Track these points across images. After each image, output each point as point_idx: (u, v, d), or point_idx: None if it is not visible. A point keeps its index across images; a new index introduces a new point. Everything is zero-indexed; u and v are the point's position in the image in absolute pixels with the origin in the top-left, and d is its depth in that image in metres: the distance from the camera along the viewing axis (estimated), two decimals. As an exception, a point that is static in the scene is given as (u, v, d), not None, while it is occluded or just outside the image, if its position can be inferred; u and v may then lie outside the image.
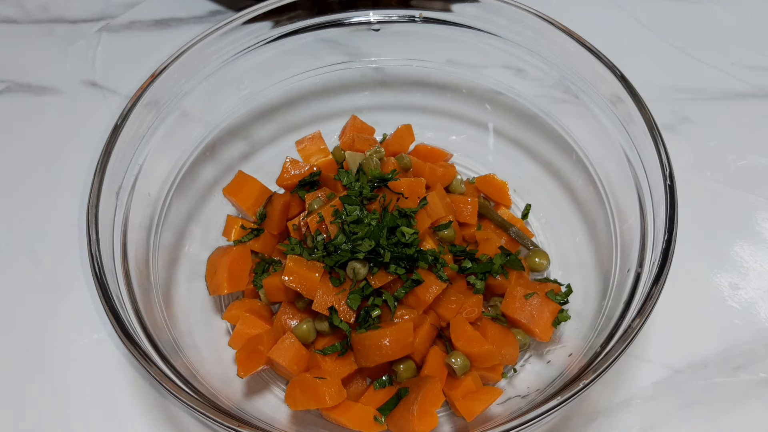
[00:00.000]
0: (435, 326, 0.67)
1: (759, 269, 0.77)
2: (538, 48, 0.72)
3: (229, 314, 0.70)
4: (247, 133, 0.81)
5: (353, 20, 0.76)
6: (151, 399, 0.70)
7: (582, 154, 0.73)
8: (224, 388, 0.62)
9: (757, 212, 0.81)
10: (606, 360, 0.53)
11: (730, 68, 0.93)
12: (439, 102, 0.83)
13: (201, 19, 1.00)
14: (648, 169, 0.63)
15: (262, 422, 0.58)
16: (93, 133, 0.86)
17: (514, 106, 0.78)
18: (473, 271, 0.68)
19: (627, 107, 0.65)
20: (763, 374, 0.70)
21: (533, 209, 0.78)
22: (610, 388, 0.69)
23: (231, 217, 0.76)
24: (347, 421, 0.62)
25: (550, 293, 0.68)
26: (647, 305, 0.55)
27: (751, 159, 0.85)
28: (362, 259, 0.63)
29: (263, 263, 0.73)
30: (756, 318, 0.74)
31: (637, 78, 0.67)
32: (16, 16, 1.01)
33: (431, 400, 0.61)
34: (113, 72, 0.95)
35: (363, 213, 0.66)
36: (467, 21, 0.74)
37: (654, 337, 0.72)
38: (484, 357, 0.64)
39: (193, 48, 0.69)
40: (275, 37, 0.74)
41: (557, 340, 0.68)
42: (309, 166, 0.75)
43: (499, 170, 0.80)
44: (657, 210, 0.61)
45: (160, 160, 0.71)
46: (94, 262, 0.58)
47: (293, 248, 0.68)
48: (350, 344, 0.65)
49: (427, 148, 0.81)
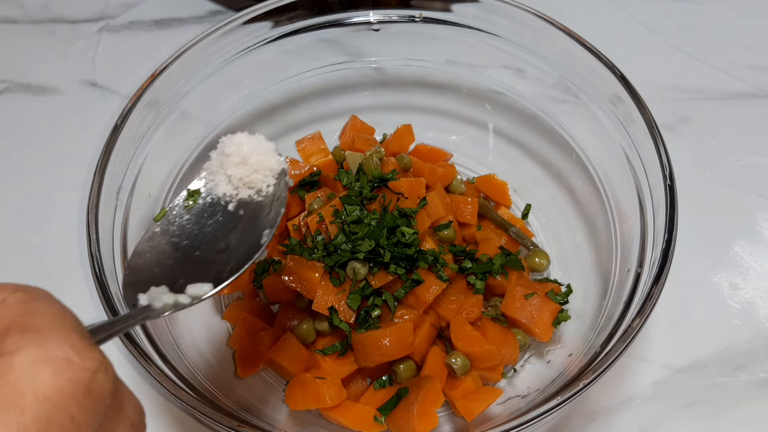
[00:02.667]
0: (435, 326, 0.67)
1: (759, 269, 0.77)
2: (538, 48, 0.72)
3: (229, 314, 0.70)
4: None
5: (353, 20, 0.76)
6: (151, 399, 0.70)
7: (582, 154, 0.73)
8: (224, 388, 0.62)
9: (757, 212, 0.81)
10: (606, 360, 0.53)
11: (730, 68, 0.93)
12: (439, 102, 0.83)
13: (201, 19, 1.00)
14: (648, 169, 0.63)
15: (262, 422, 0.58)
16: (93, 133, 0.86)
17: (514, 106, 0.78)
18: (473, 271, 0.68)
19: (627, 107, 0.65)
20: (763, 374, 0.70)
21: (533, 209, 0.78)
22: (610, 388, 0.69)
23: (231, 217, 0.76)
24: (347, 421, 0.62)
25: (550, 293, 0.68)
26: (647, 305, 0.55)
27: (751, 159, 0.85)
28: (362, 259, 0.63)
29: (263, 263, 0.73)
30: (756, 318, 0.74)
31: (637, 78, 0.67)
32: (16, 16, 1.01)
33: (431, 400, 0.61)
34: (113, 72, 0.94)
35: (363, 213, 0.66)
36: (467, 21, 0.74)
37: (654, 337, 0.72)
38: (484, 357, 0.64)
39: (193, 48, 0.69)
40: (275, 37, 0.74)
41: (557, 340, 0.68)
42: (309, 166, 0.75)
43: (499, 170, 0.80)
44: (657, 210, 0.61)
45: (160, 160, 0.71)
46: (94, 262, 0.58)
47: (293, 248, 0.68)
48: (350, 344, 0.65)
49: (427, 148, 0.81)
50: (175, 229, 0.40)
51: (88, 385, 0.27)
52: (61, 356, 0.27)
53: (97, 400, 0.28)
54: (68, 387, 0.27)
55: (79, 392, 0.27)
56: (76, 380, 0.27)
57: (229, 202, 0.40)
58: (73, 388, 0.27)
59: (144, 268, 0.38)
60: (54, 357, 0.27)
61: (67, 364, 0.27)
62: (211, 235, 0.39)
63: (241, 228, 0.39)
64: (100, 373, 0.28)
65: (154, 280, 0.37)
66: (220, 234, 0.39)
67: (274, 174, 0.41)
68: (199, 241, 0.38)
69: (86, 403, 0.27)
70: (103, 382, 0.28)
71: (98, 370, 0.28)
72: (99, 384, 0.28)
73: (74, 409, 0.27)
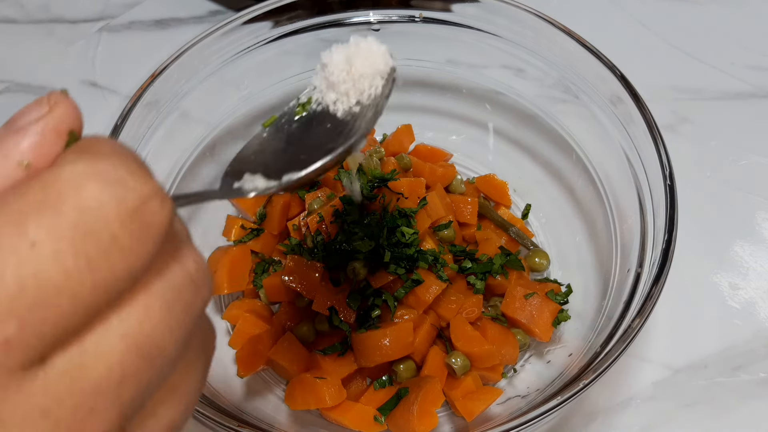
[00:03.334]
0: (435, 326, 0.67)
1: (759, 269, 0.77)
2: (538, 48, 0.72)
3: (229, 314, 0.70)
4: (247, 133, 0.81)
5: (353, 20, 0.76)
6: (151, 399, 0.70)
7: (582, 154, 0.73)
8: (224, 388, 0.62)
9: (757, 212, 0.81)
10: (606, 360, 0.53)
11: (730, 68, 0.93)
12: (439, 102, 0.83)
13: (201, 19, 1.00)
14: (648, 169, 0.63)
15: (262, 422, 0.58)
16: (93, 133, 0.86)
17: (514, 106, 0.78)
18: (473, 271, 0.68)
19: (627, 107, 0.65)
20: (763, 374, 0.70)
21: (533, 209, 0.78)
22: (610, 388, 0.69)
23: (231, 217, 0.76)
24: (347, 421, 0.62)
25: (550, 293, 0.68)
26: (647, 305, 0.55)
27: (751, 159, 0.85)
28: (362, 259, 0.63)
29: (263, 263, 0.73)
30: (756, 318, 0.74)
31: (637, 78, 0.67)
32: (16, 16, 1.01)
33: (431, 400, 0.61)
34: (113, 72, 0.94)
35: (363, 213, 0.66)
36: (467, 21, 0.74)
37: (654, 337, 0.72)
38: (484, 357, 0.64)
39: (193, 48, 0.69)
40: (275, 37, 0.74)
41: (557, 340, 0.68)
42: (309, 166, 0.75)
43: (499, 170, 0.80)
44: (657, 210, 0.61)
45: (160, 160, 0.70)
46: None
47: (293, 248, 0.68)
48: (350, 344, 0.65)
49: (427, 148, 0.81)
50: (282, 134, 0.40)
51: (139, 208, 0.24)
52: (112, 175, 0.24)
53: (145, 229, 0.25)
54: (114, 204, 0.24)
55: (125, 212, 0.24)
56: (124, 200, 0.24)
57: (336, 109, 0.40)
58: (119, 207, 0.24)
59: (244, 163, 0.37)
60: (104, 174, 0.24)
61: (118, 182, 0.24)
62: (315, 140, 0.38)
63: (344, 132, 0.39)
64: (155, 201, 0.25)
65: (252, 171, 0.36)
66: (324, 139, 0.38)
67: (382, 75, 0.40)
68: (302, 146, 0.38)
69: (133, 227, 0.24)
70: (157, 212, 0.25)
71: (152, 197, 0.25)
72: (151, 212, 0.25)
73: (118, 227, 0.24)
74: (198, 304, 0.28)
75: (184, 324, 0.27)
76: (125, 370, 0.25)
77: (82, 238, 0.23)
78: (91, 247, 0.23)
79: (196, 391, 0.30)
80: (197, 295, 0.28)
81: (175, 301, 0.26)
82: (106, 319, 0.24)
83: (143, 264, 0.25)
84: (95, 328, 0.24)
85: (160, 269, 0.26)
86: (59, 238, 0.23)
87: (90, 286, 0.23)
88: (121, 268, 0.24)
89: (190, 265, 0.27)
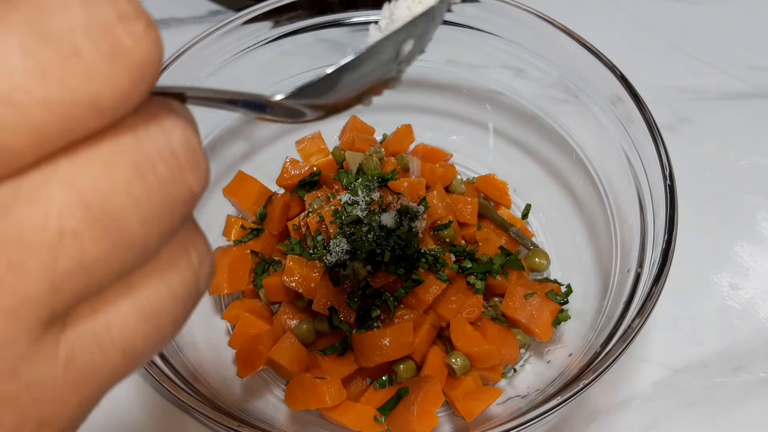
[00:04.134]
0: (435, 326, 0.67)
1: (759, 269, 0.77)
2: (538, 48, 0.72)
3: (229, 314, 0.70)
4: (247, 133, 0.81)
5: (353, 20, 0.76)
6: (150, 399, 0.70)
7: (582, 154, 0.73)
8: (224, 388, 0.63)
9: (757, 212, 0.81)
10: (606, 360, 0.53)
11: (730, 68, 0.93)
12: (439, 102, 0.83)
13: (201, 19, 1.00)
14: (648, 169, 0.63)
15: (262, 422, 0.58)
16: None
17: (514, 106, 0.78)
18: (473, 271, 0.68)
19: (627, 107, 0.65)
20: (763, 374, 0.70)
21: (533, 209, 0.78)
22: (610, 388, 0.69)
23: (231, 217, 0.76)
24: (347, 421, 0.62)
25: (550, 293, 0.68)
26: (647, 305, 0.55)
27: (751, 159, 0.85)
28: (362, 259, 0.63)
29: (263, 263, 0.73)
30: (756, 318, 0.74)
31: (637, 78, 0.67)
32: (16, 16, 1.01)
33: (431, 400, 0.61)
34: (113, 72, 0.94)
35: (363, 213, 0.66)
36: (467, 21, 0.74)
37: (654, 337, 0.72)
38: (484, 357, 0.64)
39: (193, 48, 0.69)
40: (275, 37, 0.74)
41: (557, 340, 0.68)
42: (309, 166, 0.75)
43: (499, 170, 0.80)
44: (657, 210, 0.61)
45: (160, 160, 0.70)
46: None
47: (293, 248, 0.68)
48: (350, 344, 0.65)
49: (427, 148, 0.81)
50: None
51: (110, 24, 0.19)
52: None
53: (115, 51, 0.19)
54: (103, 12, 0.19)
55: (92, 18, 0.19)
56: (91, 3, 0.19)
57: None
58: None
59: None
60: None
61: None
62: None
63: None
64: (137, 23, 0.20)
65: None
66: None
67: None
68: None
69: (101, 41, 0.19)
70: (139, 38, 0.20)
71: (134, 18, 0.20)
72: (128, 32, 0.20)
73: (81, 37, 0.19)
74: (180, 189, 0.22)
75: (155, 203, 0.21)
76: (64, 226, 0.19)
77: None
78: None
79: (166, 312, 0.23)
80: (179, 175, 0.22)
81: (148, 169, 0.21)
82: (54, 161, 0.19)
83: (111, 101, 0.19)
84: (40, 167, 0.19)
85: (133, 124, 0.21)
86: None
87: (49, 118, 0.18)
88: (84, 91, 0.19)
89: (175, 135, 0.22)
